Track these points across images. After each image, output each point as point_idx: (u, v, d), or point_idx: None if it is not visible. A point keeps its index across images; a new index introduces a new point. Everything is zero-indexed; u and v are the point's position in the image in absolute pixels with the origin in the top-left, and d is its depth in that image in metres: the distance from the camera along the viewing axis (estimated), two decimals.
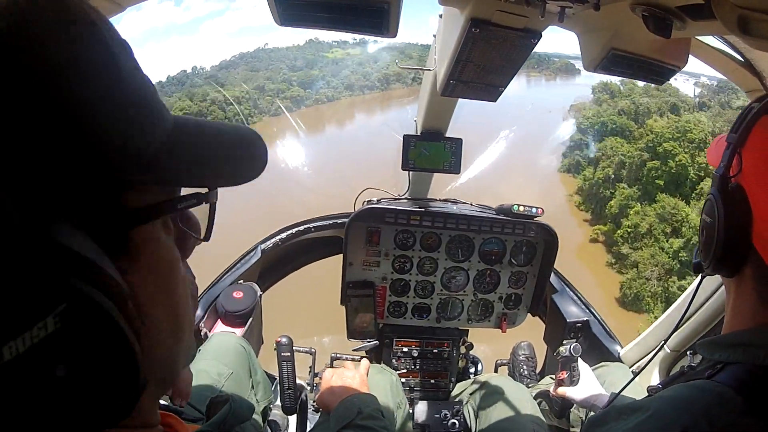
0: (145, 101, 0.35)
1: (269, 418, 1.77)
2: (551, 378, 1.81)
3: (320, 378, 2.21)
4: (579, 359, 1.57)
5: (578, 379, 1.55)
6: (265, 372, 1.80)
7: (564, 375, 1.56)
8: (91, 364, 0.31)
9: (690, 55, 1.18)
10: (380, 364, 1.94)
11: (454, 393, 2.06)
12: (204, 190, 0.44)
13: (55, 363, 0.29)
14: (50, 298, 0.28)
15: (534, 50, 1.09)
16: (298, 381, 1.73)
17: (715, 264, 0.70)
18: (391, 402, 1.62)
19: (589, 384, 1.54)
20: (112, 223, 0.34)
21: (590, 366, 1.68)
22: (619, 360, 1.97)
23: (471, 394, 1.83)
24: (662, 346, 1.65)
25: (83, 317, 0.30)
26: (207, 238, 0.48)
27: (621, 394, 1.06)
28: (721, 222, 0.68)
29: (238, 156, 0.45)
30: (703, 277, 0.79)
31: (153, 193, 0.38)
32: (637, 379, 1.05)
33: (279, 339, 1.66)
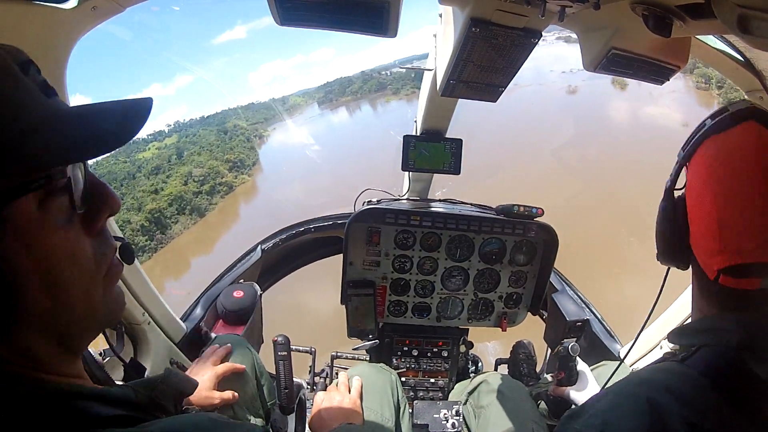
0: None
1: (272, 418, 1.77)
2: (551, 377, 1.81)
3: (320, 379, 2.22)
4: (578, 358, 1.57)
5: (576, 378, 1.55)
6: (268, 372, 1.80)
7: (562, 375, 1.56)
8: None
9: (690, 55, 1.19)
10: (380, 363, 1.94)
11: (453, 392, 2.06)
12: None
13: None
14: None
15: None
16: (297, 380, 1.72)
17: (664, 261, 0.85)
18: (390, 402, 1.62)
19: (587, 383, 1.54)
20: None
21: (590, 365, 1.68)
22: (619, 359, 1.97)
23: (471, 393, 1.83)
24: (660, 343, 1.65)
25: None
26: (83, 205, 0.50)
27: None
28: (667, 230, 0.81)
29: (102, 131, 0.48)
30: (669, 268, 0.90)
31: (14, 178, 0.42)
32: None
33: (275, 338, 1.65)
